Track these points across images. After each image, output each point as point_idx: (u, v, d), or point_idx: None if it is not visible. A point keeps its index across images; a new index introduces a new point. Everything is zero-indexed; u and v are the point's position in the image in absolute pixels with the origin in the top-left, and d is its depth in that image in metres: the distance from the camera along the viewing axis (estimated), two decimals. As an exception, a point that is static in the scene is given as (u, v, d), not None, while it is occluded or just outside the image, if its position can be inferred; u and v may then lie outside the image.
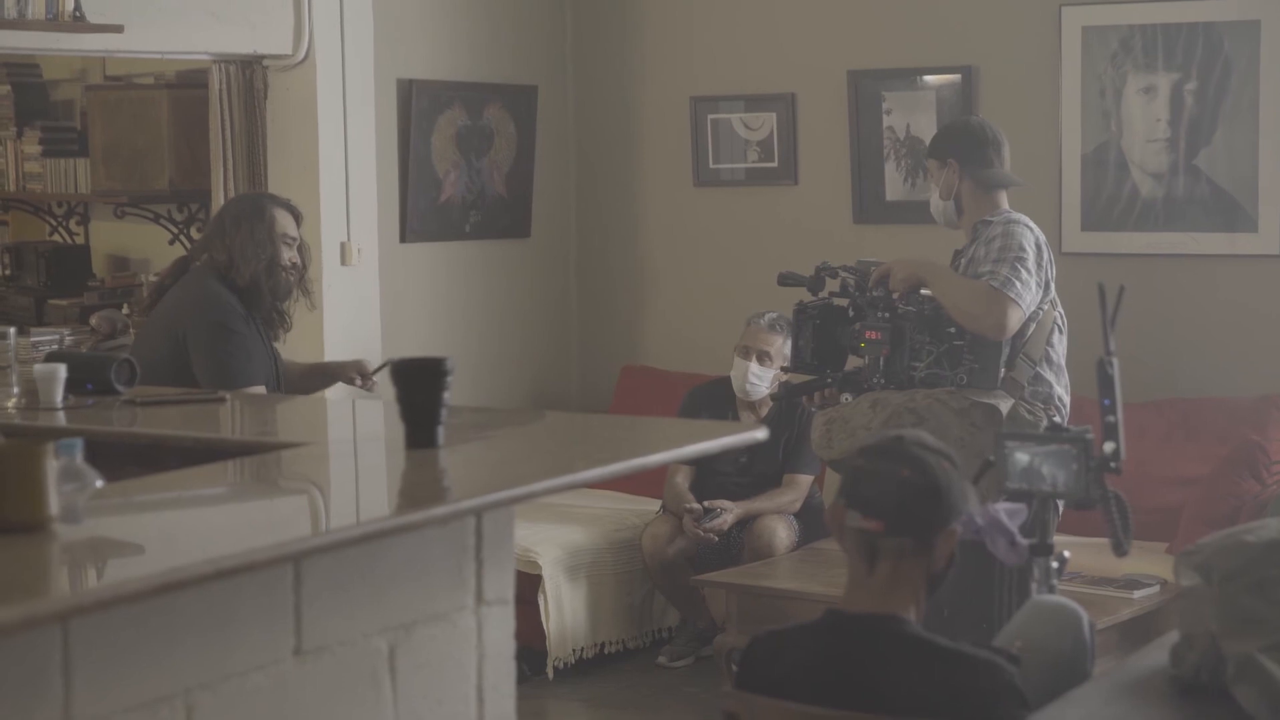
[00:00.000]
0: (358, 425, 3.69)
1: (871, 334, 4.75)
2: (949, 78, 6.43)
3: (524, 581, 5.70)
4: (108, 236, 7.66)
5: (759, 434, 3.32)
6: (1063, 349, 4.78)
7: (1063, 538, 3.64)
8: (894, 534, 2.96)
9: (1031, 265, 4.65)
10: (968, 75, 6.38)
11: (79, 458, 2.68)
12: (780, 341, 5.98)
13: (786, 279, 4.97)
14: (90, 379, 3.80)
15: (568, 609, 5.97)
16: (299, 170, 6.22)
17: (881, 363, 4.73)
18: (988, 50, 6.37)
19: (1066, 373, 4.78)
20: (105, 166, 6.96)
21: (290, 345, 5.38)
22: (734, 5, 6.89)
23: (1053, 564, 3.35)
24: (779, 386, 5.83)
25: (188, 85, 6.80)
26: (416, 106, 6.60)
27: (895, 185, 6.58)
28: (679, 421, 5.48)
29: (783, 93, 6.78)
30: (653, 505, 6.31)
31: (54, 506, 2.44)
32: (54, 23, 5.41)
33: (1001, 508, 3.20)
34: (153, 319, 5.14)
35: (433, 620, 3.03)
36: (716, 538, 5.97)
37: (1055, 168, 6.21)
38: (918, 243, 5.74)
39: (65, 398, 3.69)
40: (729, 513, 5.97)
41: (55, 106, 7.64)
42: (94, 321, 5.45)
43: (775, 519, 5.97)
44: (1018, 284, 4.61)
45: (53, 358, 3.87)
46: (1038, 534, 3.35)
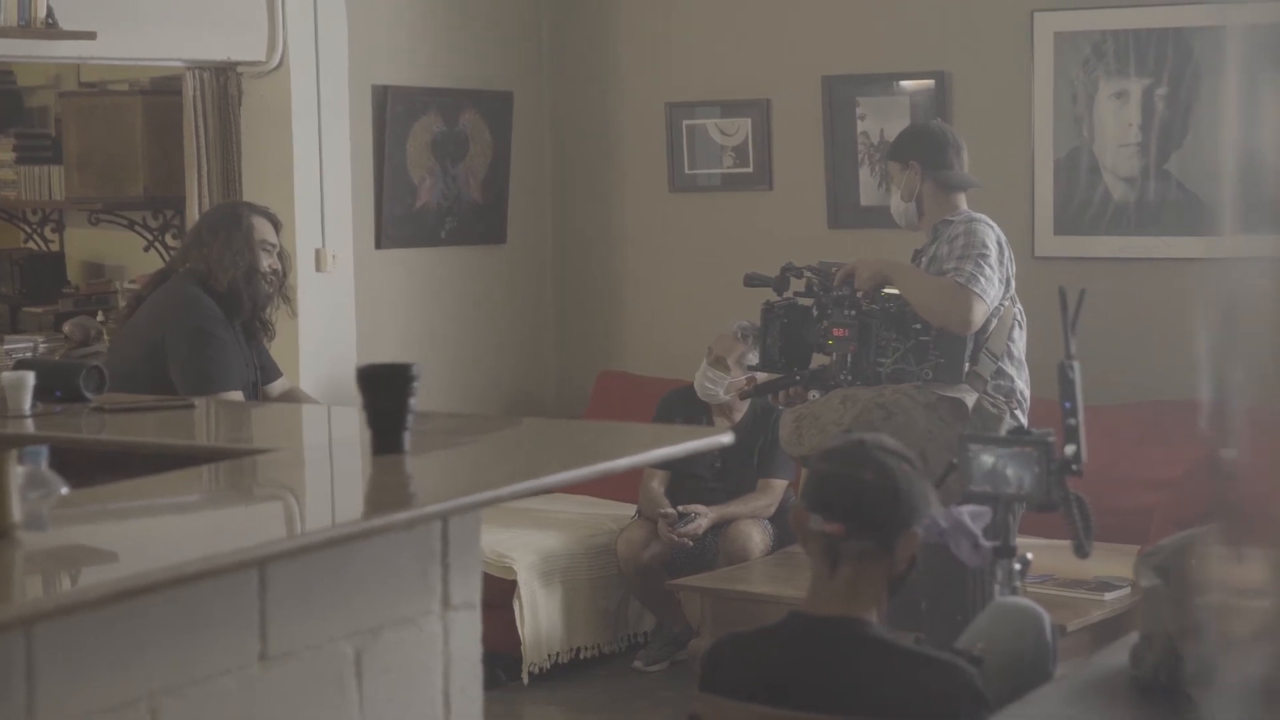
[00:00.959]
0: (332, 431, 3.70)
1: (838, 331, 4.82)
2: (922, 83, 6.45)
3: (499, 587, 5.73)
4: (82, 243, 7.64)
5: (724, 438, 3.33)
6: (1023, 344, 4.89)
7: (1024, 540, 3.65)
8: (855, 537, 2.98)
9: (994, 262, 4.77)
10: (941, 81, 6.40)
11: (44, 464, 2.69)
12: (741, 350, 5.99)
13: (752, 280, 5.04)
14: (59, 386, 3.79)
15: (543, 614, 5.98)
16: (274, 176, 6.22)
17: (849, 359, 4.80)
18: (961, 56, 6.39)
19: (1027, 367, 4.89)
20: (80, 173, 6.94)
21: (265, 351, 5.36)
22: (709, 12, 6.90)
23: (1015, 566, 3.38)
24: (743, 389, 5.82)
25: (162, 92, 6.77)
26: (391, 112, 6.60)
27: (869, 190, 6.60)
28: (647, 426, 5.49)
29: (758, 98, 6.80)
30: (628, 510, 6.32)
31: (18, 514, 2.44)
32: (27, 29, 5.39)
33: (965, 510, 3.22)
34: (129, 326, 5.14)
35: (399, 625, 3.03)
36: (691, 543, 5.99)
37: (1028, 172, 6.24)
38: (892, 247, 5.74)
39: (33, 405, 3.67)
40: (703, 517, 5.99)
41: (29, 113, 7.61)
42: (67, 329, 5.45)
43: (750, 524, 5.99)
44: (982, 280, 4.72)
45: (22, 365, 3.87)
46: (1000, 536, 3.37)
